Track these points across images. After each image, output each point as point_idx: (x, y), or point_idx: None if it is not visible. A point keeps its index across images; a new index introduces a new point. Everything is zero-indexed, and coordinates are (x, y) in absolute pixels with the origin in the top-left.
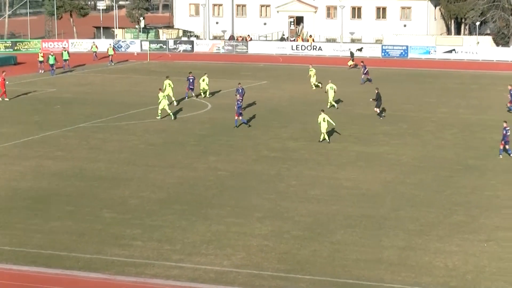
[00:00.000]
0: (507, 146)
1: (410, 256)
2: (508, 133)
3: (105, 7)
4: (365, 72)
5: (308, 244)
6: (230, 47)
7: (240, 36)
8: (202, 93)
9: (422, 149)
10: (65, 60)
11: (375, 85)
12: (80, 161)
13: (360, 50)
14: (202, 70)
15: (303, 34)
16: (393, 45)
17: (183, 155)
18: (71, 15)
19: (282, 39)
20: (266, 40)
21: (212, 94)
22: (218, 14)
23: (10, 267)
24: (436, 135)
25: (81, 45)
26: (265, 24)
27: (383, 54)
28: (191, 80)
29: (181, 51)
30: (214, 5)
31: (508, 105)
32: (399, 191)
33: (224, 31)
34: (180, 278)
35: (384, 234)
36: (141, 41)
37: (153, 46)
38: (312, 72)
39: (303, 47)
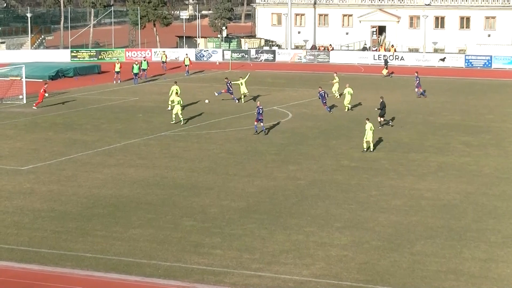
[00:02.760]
0: None
1: (492, 268)
2: None
3: (188, 17)
4: (417, 84)
5: (388, 254)
6: (311, 57)
7: (322, 46)
8: (242, 97)
9: (505, 160)
10: (144, 70)
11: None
12: (161, 169)
13: (443, 60)
14: (284, 79)
15: (385, 44)
16: (477, 55)
17: (263, 164)
18: (154, 25)
19: (364, 48)
20: (348, 49)
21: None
22: (300, 24)
23: (91, 274)
24: None
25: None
26: (347, 33)
27: (466, 64)
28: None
29: (263, 61)
30: (296, 14)
31: None
32: (480, 203)
33: (306, 41)
34: (259, 287)
35: (465, 246)
36: (223, 50)
37: (235, 55)
38: (335, 80)
39: (385, 57)
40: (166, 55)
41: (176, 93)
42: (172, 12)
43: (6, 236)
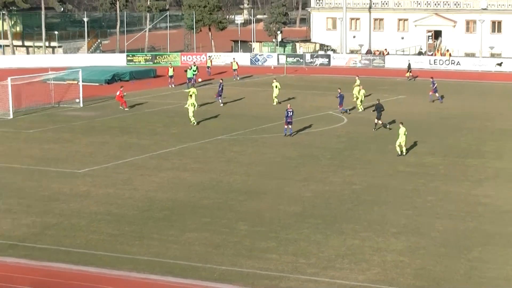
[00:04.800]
0: None
1: None
2: None
3: (243, 21)
4: (434, 89)
5: (444, 260)
6: (367, 61)
7: (377, 50)
8: (276, 100)
9: None
10: (194, 75)
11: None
12: (216, 173)
13: (499, 64)
14: (339, 84)
15: (441, 49)
16: None
17: (318, 168)
18: (209, 29)
19: (420, 53)
20: (404, 54)
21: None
22: (355, 28)
23: (147, 277)
24: None
25: (218, 59)
26: (402, 38)
27: None
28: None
29: (318, 65)
30: (351, 19)
31: None
32: None
33: (361, 45)
34: None
35: None
36: (278, 54)
37: (290, 59)
38: (357, 82)
39: (441, 62)
40: (211, 60)
41: (190, 95)
42: (227, 16)
43: (63, 239)
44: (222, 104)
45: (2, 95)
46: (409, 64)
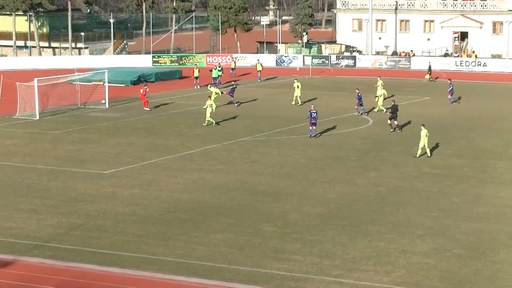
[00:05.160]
0: None
1: None
2: None
3: (268, 23)
4: (450, 91)
5: (470, 263)
6: (392, 63)
7: (403, 52)
8: (298, 100)
9: None
10: (219, 76)
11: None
12: (241, 174)
13: None
14: (364, 85)
15: (467, 50)
16: None
17: (343, 170)
18: (235, 30)
19: (446, 54)
20: (430, 55)
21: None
22: (381, 30)
23: (172, 278)
24: None
25: (244, 60)
26: (428, 39)
27: None
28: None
29: (343, 66)
30: (377, 20)
31: None
32: None
33: (387, 47)
34: None
35: None
36: (303, 56)
37: (315, 61)
38: (379, 82)
39: (467, 63)
40: (235, 62)
41: (209, 96)
42: (253, 17)
43: (89, 239)
44: (236, 104)
45: (28, 96)
46: (430, 66)
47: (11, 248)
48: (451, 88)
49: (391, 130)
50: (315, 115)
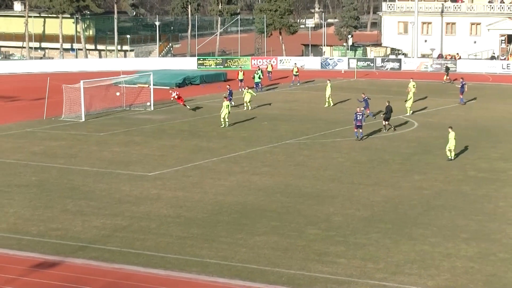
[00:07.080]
0: None
1: None
2: None
3: (313, 25)
4: (462, 90)
5: None
6: (438, 66)
7: (449, 55)
8: (331, 101)
9: None
10: (259, 78)
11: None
12: (285, 177)
13: None
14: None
15: None
16: None
17: (388, 173)
18: (280, 33)
19: (492, 57)
20: (476, 58)
21: (413, 111)
22: (427, 32)
23: (216, 280)
24: None
25: (288, 63)
26: (475, 42)
27: None
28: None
29: (389, 69)
30: (423, 23)
31: None
32: None
33: (432, 49)
34: None
35: None
36: (348, 58)
37: (361, 64)
38: (411, 84)
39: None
40: (272, 65)
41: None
42: (298, 20)
43: (133, 241)
44: (233, 103)
45: (74, 98)
46: (447, 67)
47: (56, 249)
48: (462, 86)
49: (385, 130)
50: (360, 117)
